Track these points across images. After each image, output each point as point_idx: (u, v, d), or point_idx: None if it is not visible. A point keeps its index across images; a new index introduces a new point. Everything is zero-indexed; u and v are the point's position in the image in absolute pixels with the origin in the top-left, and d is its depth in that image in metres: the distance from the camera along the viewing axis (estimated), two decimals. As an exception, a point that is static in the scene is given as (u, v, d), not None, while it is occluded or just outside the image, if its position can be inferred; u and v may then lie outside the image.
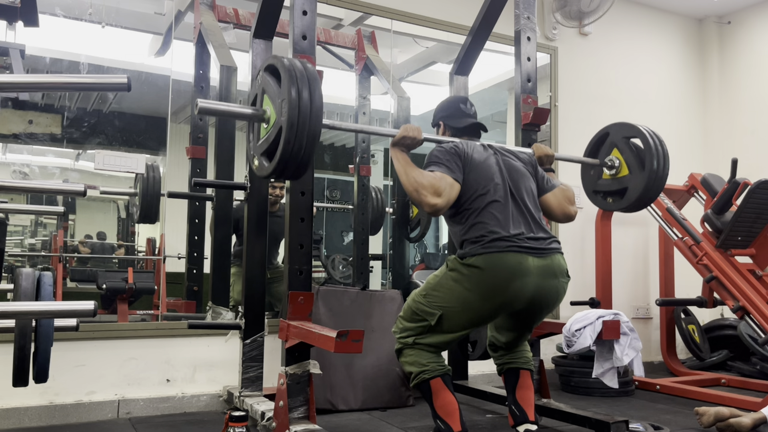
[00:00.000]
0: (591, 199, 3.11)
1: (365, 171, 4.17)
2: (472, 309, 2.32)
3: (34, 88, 2.35)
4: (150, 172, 3.45)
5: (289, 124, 2.00)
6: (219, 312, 3.33)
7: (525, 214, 2.39)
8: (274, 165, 2.08)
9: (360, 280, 4.00)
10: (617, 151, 2.92)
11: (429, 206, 2.29)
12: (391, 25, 4.11)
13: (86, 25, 3.51)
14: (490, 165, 2.43)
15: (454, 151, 2.41)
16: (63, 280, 3.54)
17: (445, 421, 2.30)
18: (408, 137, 2.44)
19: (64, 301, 1.43)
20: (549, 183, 2.61)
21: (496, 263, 2.26)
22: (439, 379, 2.34)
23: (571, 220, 2.64)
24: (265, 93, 2.19)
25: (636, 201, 2.86)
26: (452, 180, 2.33)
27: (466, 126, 2.62)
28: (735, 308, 3.52)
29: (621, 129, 2.94)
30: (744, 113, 5.13)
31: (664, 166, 2.81)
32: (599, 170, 3.01)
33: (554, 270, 2.36)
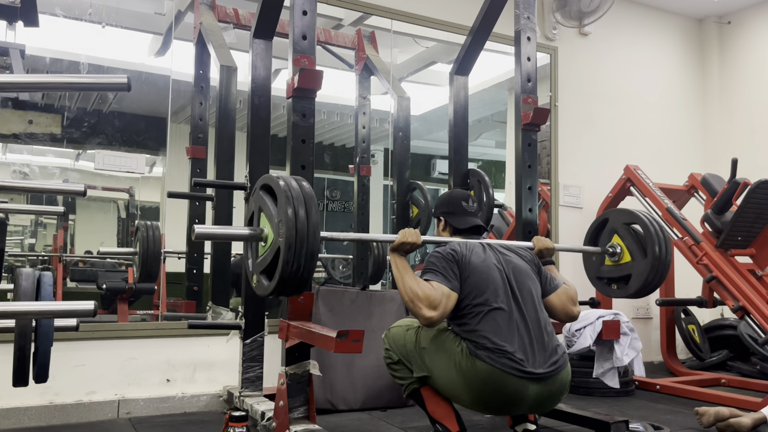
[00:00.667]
0: (595, 285, 3.10)
1: (365, 171, 4.16)
2: (456, 398, 2.32)
3: (34, 88, 2.35)
4: (149, 231, 3.38)
5: (287, 246, 1.99)
6: (219, 312, 3.33)
7: (529, 326, 2.28)
8: (274, 285, 2.07)
9: (360, 280, 4.00)
10: (618, 237, 2.92)
11: (424, 319, 2.22)
12: (391, 25, 4.11)
13: (86, 25, 3.51)
14: (491, 268, 2.35)
15: (452, 257, 2.34)
16: (63, 280, 3.54)
17: (442, 424, 2.32)
18: (407, 243, 2.40)
19: (64, 301, 1.43)
20: (552, 283, 2.52)
21: (499, 382, 2.18)
22: (428, 387, 2.37)
23: (574, 320, 2.61)
24: (261, 211, 2.19)
25: (641, 288, 2.85)
26: (449, 291, 2.26)
27: (467, 228, 2.59)
28: (735, 308, 3.52)
29: (620, 215, 2.95)
30: (744, 113, 5.13)
31: (666, 251, 2.79)
32: (601, 257, 3.01)
33: (554, 393, 2.29)
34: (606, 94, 4.84)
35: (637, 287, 2.85)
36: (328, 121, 4.52)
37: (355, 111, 4.19)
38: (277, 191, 2.07)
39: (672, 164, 4.97)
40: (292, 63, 2.53)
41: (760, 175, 3.89)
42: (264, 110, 3.00)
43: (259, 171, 2.95)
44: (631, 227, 2.90)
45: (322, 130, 4.52)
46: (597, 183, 4.56)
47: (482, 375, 2.19)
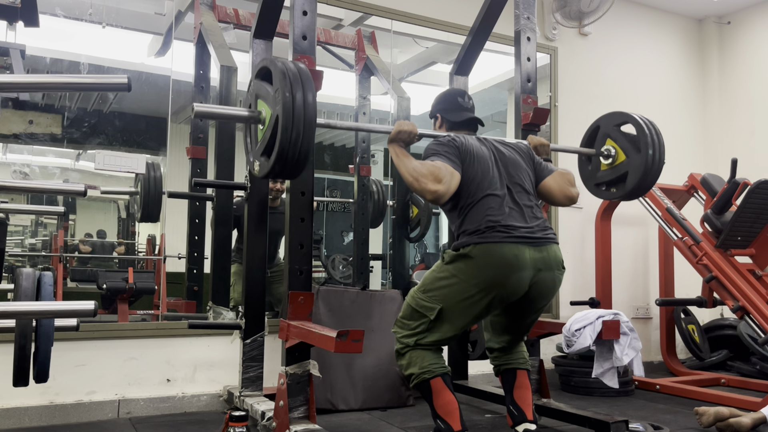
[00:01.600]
0: (593, 192, 3.10)
1: (365, 171, 4.17)
2: (471, 301, 2.32)
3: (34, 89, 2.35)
4: (151, 171, 3.45)
5: (284, 117, 2.00)
6: (219, 312, 3.33)
7: (521, 206, 2.40)
8: (272, 163, 2.08)
9: (360, 280, 4.00)
10: (611, 140, 2.91)
11: (431, 193, 2.27)
12: (391, 26, 4.11)
13: (86, 25, 3.51)
14: (486, 158, 2.43)
15: (452, 143, 2.41)
16: (63, 280, 3.55)
17: (445, 421, 2.30)
18: (403, 132, 2.44)
19: (64, 301, 1.43)
20: (547, 168, 2.60)
21: (492, 253, 2.27)
22: (439, 379, 2.34)
23: (574, 203, 2.63)
24: (258, 97, 2.19)
25: (638, 184, 2.84)
26: (452, 169, 2.33)
27: (463, 120, 2.62)
28: (735, 308, 3.52)
29: (610, 118, 2.94)
30: (744, 113, 5.13)
31: (659, 144, 2.79)
32: (596, 162, 3.00)
33: (550, 262, 2.37)
34: (606, 94, 4.84)
35: (635, 182, 2.83)
36: (328, 121, 4.52)
37: (355, 111, 4.19)
38: (275, 72, 2.08)
39: (672, 164, 4.93)
40: (292, 63, 2.53)
41: (760, 175, 3.89)
42: (264, 110, 3.00)
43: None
44: (622, 128, 2.89)
45: (322, 130, 4.53)
46: (597, 183, 4.56)
47: (479, 255, 2.27)
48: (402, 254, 4.07)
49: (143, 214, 3.51)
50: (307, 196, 2.56)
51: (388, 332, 3.41)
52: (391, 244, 4.10)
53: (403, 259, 4.07)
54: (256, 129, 2.24)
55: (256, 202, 2.97)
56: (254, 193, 2.96)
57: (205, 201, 3.57)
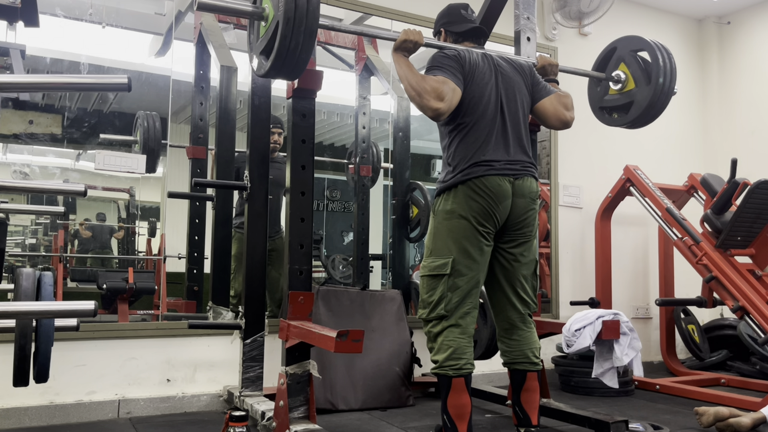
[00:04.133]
0: (596, 115, 3.09)
1: (365, 171, 4.17)
2: (472, 233, 2.35)
3: (34, 89, 2.35)
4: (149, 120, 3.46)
5: (285, 19, 2.00)
6: (219, 312, 3.33)
7: (508, 135, 2.44)
8: (272, 61, 2.07)
9: (360, 280, 4.00)
10: (624, 65, 2.90)
11: (431, 110, 2.29)
12: (391, 26, 4.11)
13: (87, 25, 3.51)
14: (487, 78, 2.45)
15: (456, 58, 2.41)
16: (63, 280, 3.55)
17: (453, 422, 2.27)
18: (409, 40, 2.44)
19: (64, 301, 1.43)
20: (546, 89, 2.60)
21: (478, 185, 2.35)
22: (461, 379, 2.30)
23: (568, 127, 2.63)
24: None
25: (641, 114, 2.83)
26: (454, 85, 2.34)
27: (466, 30, 2.61)
28: (734, 308, 3.52)
29: (629, 42, 2.91)
30: (744, 113, 5.13)
31: (671, 79, 2.78)
32: (605, 86, 2.99)
33: (524, 189, 2.43)
34: (606, 94, 4.84)
35: (637, 114, 2.84)
36: (328, 121, 4.53)
37: (355, 111, 4.19)
38: None
39: (671, 164, 4.97)
40: (292, 63, 2.53)
41: (760, 175, 3.89)
42: (264, 110, 3.00)
43: (259, 171, 2.95)
44: (639, 55, 2.87)
45: (322, 130, 4.53)
46: (597, 183, 4.56)
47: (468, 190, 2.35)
48: (402, 254, 4.08)
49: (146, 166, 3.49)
50: (307, 196, 2.56)
51: (388, 332, 3.42)
52: (391, 244, 4.11)
53: (403, 259, 4.07)
54: (259, 25, 2.23)
55: (256, 203, 2.97)
56: (254, 193, 2.96)
57: (205, 201, 3.57)
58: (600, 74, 2.97)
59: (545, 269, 4.36)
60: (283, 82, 2.62)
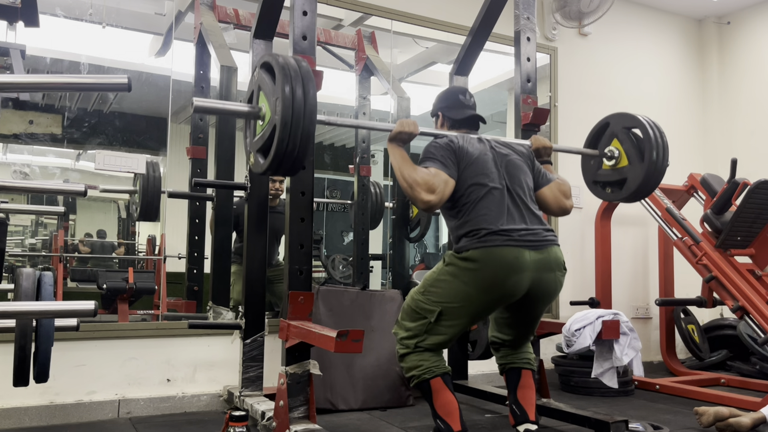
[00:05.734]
0: (590, 189, 3.11)
1: (365, 171, 4.17)
2: (470, 303, 2.32)
3: (34, 89, 2.35)
4: (150, 170, 3.45)
5: (282, 123, 2.00)
6: (219, 312, 3.33)
7: (521, 208, 2.40)
8: (269, 162, 2.08)
9: (360, 280, 4.00)
10: (617, 141, 2.91)
11: (423, 203, 2.30)
12: (391, 26, 4.12)
13: (87, 25, 3.51)
14: (486, 159, 2.43)
15: (449, 146, 2.40)
16: (63, 280, 3.55)
17: (445, 421, 2.31)
18: (404, 132, 2.43)
19: (64, 301, 1.43)
20: (545, 177, 2.60)
21: (493, 257, 2.27)
22: (439, 379, 2.35)
23: (567, 214, 2.65)
24: (261, 90, 2.19)
25: (635, 192, 2.85)
26: (447, 176, 2.33)
27: (464, 118, 2.62)
28: (734, 308, 3.52)
29: (621, 119, 2.93)
30: (743, 113, 5.13)
31: (663, 157, 2.80)
32: (599, 161, 3.01)
33: (551, 263, 2.38)
34: (606, 94, 4.84)
35: (632, 190, 2.85)
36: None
37: (355, 111, 4.19)
38: (276, 68, 2.07)
39: (672, 164, 4.94)
40: (292, 63, 2.53)
41: (760, 175, 3.89)
42: (264, 110, 3.00)
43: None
44: (632, 131, 2.89)
45: (322, 130, 4.53)
46: (597, 183, 4.56)
47: (480, 258, 2.27)
48: (402, 254, 4.08)
49: (142, 213, 3.49)
50: (307, 196, 2.56)
51: (388, 332, 3.41)
52: (391, 244, 4.11)
53: (403, 259, 4.07)
54: (255, 123, 2.24)
55: (256, 202, 2.97)
56: (254, 193, 2.97)
57: (205, 201, 3.58)
58: (593, 151, 2.99)
59: (545, 269, 4.36)
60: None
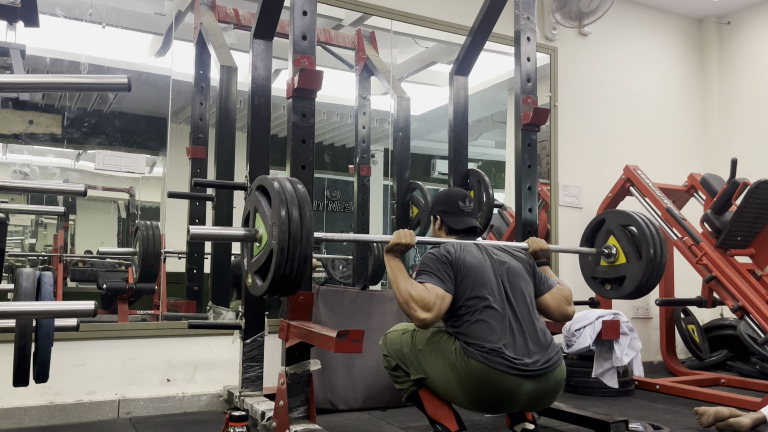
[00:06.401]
0: (590, 285, 3.11)
1: (365, 171, 4.17)
2: (453, 398, 2.32)
3: (34, 89, 2.35)
4: (149, 231, 3.38)
5: (279, 248, 1.99)
6: (219, 312, 3.33)
7: (522, 326, 2.31)
8: (268, 285, 2.08)
9: (360, 280, 4.00)
10: (614, 238, 2.93)
11: (418, 321, 2.24)
12: (391, 26, 4.12)
13: (86, 25, 3.51)
14: (485, 269, 2.37)
15: (446, 259, 2.35)
16: (63, 280, 3.55)
17: (441, 424, 2.33)
18: (401, 244, 2.41)
19: (64, 301, 1.44)
20: (546, 283, 2.54)
21: (493, 381, 2.20)
22: (425, 388, 2.38)
23: (569, 320, 2.63)
24: (257, 212, 2.20)
25: (635, 291, 2.87)
26: (443, 292, 2.27)
27: (462, 229, 2.59)
28: (734, 308, 3.52)
29: (616, 216, 2.96)
30: (744, 113, 5.13)
31: (661, 254, 2.80)
32: (597, 257, 3.02)
33: (549, 391, 2.33)
34: (606, 94, 4.84)
35: (631, 289, 2.87)
36: (328, 121, 4.52)
37: (355, 111, 4.19)
38: (272, 193, 2.08)
39: (672, 164, 4.97)
40: (292, 63, 2.53)
41: (760, 175, 3.89)
42: (264, 110, 3.00)
43: (259, 171, 2.95)
44: (628, 229, 2.91)
45: (322, 130, 4.53)
46: (597, 183, 4.56)
47: (477, 373, 2.21)
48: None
49: (142, 274, 3.39)
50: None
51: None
52: (391, 244, 4.10)
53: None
54: (252, 245, 2.23)
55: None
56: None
57: (205, 201, 3.57)
58: (591, 250, 3.00)
59: (545, 269, 4.36)
60: (283, 81, 2.62)
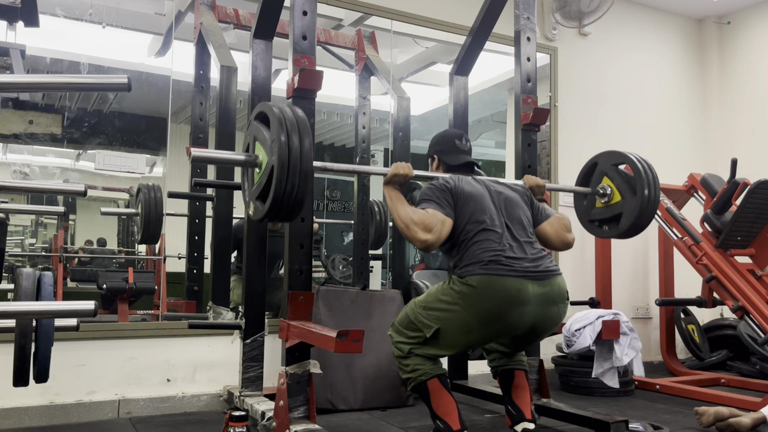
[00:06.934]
0: (587, 228, 3.11)
1: (365, 171, 4.16)
2: (469, 331, 2.31)
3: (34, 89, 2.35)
4: (151, 193, 3.41)
5: (279, 164, 2.00)
6: (219, 312, 3.33)
7: (520, 241, 2.38)
8: (268, 207, 2.08)
9: (360, 280, 4.00)
10: (607, 179, 2.93)
11: (420, 242, 2.28)
12: (391, 26, 4.12)
13: (86, 25, 3.51)
14: (483, 197, 2.42)
15: (445, 187, 2.40)
16: (63, 280, 3.55)
17: (444, 420, 2.31)
18: (399, 175, 2.46)
19: (64, 301, 1.43)
20: (544, 213, 2.59)
21: (496, 287, 2.24)
22: (435, 380, 2.35)
23: (569, 248, 2.65)
24: (256, 140, 2.20)
25: (631, 226, 2.86)
26: (443, 216, 2.32)
27: (459, 164, 2.63)
28: (734, 308, 3.52)
29: (609, 157, 2.95)
30: (744, 113, 5.13)
31: (654, 189, 2.80)
32: (592, 199, 3.03)
33: (554, 296, 2.35)
34: (606, 94, 4.84)
35: (628, 225, 2.85)
36: (328, 121, 4.53)
37: (355, 111, 4.19)
38: (271, 117, 2.08)
39: (672, 164, 4.97)
40: (292, 63, 2.53)
41: (760, 175, 3.89)
42: (264, 110, 3.00)
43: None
44: (620, 168, 2.91)
45: (322, 130, 4.53)
46: (597, 183, 4.56)
47: (480, 285, 2.24)
48: (402, 254, 4.07)
49: (144, 236, 3.46)
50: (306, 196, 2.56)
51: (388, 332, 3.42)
52: (391, 244, 4.11)
53: (403, 259, 4.07)
54: (253, 171, 2.24)
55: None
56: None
57: (205, 201, 3.57)
58: (586, 189, 3.00)
59: (545, 269, 4.36)
60: (283, 81, 2.62)
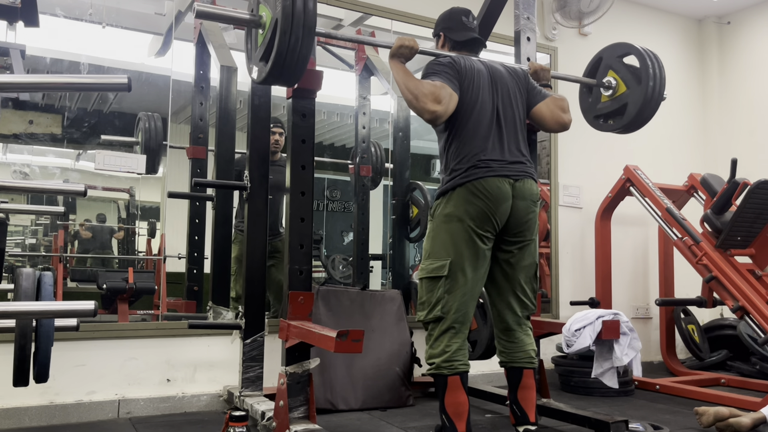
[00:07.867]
0: (592, 124, 3.13)
1: (365, 171, 4.17)
2: (469, 236, 2.36)
3: (34, 89, 2.35)
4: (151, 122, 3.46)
5: (283, 20, 2.00)
6: (219, 312, 3.33)
7: (504, 137, 2.46)
8: (272, 63, 2.06)
9: (360, 280, 4.00)
10: (612, 71, 2.93)
11: (429, 113, 2.31)
12: (391, 26, 4.11)
13: (87, 25, 3.51)
14: (483, 85, 2.47)
15: (451, 64, 2.43)
16: (63, 280, 3.55)
17: (452, 420, 2.30)
18: (404, 46, 2.46)
19: (64, 301, 1.43)
20: (540, 94, 2.61)
21: (477, 187, 2.36)
22: (457, 378, 2.33)
23: (566, 129, 2.65)
24: (260, 1, 2.19)
25: (636, 115, 2.86)
26: (451, 90, 2.36)
27: (466, 40, 2.62)
28: (734, 308, 3.52)
29: (613, 50, 2.97)
30: (743, 113, 5.13)
31: (660, 76, 2.81)
32: (597, 94, 3.04)
33: (524, 193, 2.44)
34: (606, 94, 4.84)
35: (633, 114, 2.86)
36: (328, 121, 4.53)
37: (355, 111, 4.19)
38: None
39: (672, 164, 4.97)
40: (292, 63, 2.53)
41: (760, 175, 3.89)
42: (264, 110, 3.00)
43: (259, 171, 2.95)
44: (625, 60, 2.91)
45: (322, 130, 4.53)
46: (597, 183, 4.56)
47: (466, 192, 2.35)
48: (402, 254, 4.08)
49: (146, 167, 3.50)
50: (307, 196, 2.56)
51: (388, 332, 3.42)
52: (391, 244, 4.11)
53: (403, 259, 4.07)
54: (257, 34, 2.23)
55: (256, 203, 2.97)
56: (254, 194, 2.96)
57: (205, 201, 3.57)
58: (591, 80, 3.01)
59: (545, 269, 4.36)
60: (283, 81, 2.61)
